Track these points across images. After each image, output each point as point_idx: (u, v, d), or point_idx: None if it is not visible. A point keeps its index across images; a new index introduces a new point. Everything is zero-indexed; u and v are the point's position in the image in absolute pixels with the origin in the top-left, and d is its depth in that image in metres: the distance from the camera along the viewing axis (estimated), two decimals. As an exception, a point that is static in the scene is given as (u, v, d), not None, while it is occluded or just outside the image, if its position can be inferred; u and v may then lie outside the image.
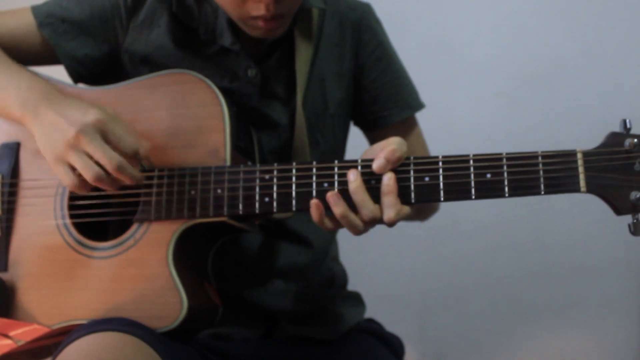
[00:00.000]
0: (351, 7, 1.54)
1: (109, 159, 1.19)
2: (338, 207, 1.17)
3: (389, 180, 1.16)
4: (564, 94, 2.19)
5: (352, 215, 1.17)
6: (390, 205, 1.16)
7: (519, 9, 2.23)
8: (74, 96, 1.28)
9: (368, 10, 1.56)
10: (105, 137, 1.20)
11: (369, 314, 1.63)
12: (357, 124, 1.60)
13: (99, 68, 1.45)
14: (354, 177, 1.18)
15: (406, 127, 1.57)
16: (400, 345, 1.59)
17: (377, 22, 1.57)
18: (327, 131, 1.49)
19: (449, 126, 2.23)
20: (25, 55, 1.43)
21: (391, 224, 1.16)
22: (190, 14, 1.42)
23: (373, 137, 1.58)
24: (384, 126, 1.55)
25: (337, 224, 1.20)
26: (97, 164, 1.20)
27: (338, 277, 1.60)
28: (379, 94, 1.54)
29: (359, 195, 1.17)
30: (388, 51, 1.56)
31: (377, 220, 1.17)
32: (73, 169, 1.21)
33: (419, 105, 1.58)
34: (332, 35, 1.50)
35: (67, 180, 1.22)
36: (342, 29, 1.51)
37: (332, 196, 1.18)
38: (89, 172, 1.20)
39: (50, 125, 1.22)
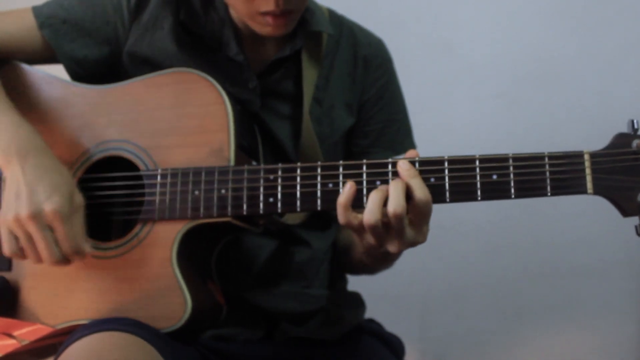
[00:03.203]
0: (367, 41, 1.55)
1: (48, 254, 1.22)
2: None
3: (409, 166, 1.17)
4: (564, 94, 2.20)
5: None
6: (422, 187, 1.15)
7: (519, 9, 2.24)
8: (53, 157, 1.29)
9: (382, 47, 1.58)
10: (54, 230, 1.22)
11: (369, 314, 1.63)
12: None
13: (99, 69, 1.44)
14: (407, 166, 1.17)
15: None
16: (400, 345, 1.59)
17: (388, 60, 1.58)
18: (330, 157, 1.48)
19: (449, 126, 2.24)
20: (26, 55, 1.43)
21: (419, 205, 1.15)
22: (197, 21, 1.42)
23: None
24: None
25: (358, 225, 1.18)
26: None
27: (338, 278, 1.60)
28: (371, 130, 1.56)
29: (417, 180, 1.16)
30: (390, 91, 1.57)
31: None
32: (14, 239, 1.24)
33: (402, 150, 1.57)
34: (345, 65, 1.51)
35: (6, 247, 1.25)
36: (355, 60, 1.52)
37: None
38: (31, 255, 1.24)
39: (16, 188, 1.23)
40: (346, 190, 1.17)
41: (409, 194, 1.14)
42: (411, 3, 2.29)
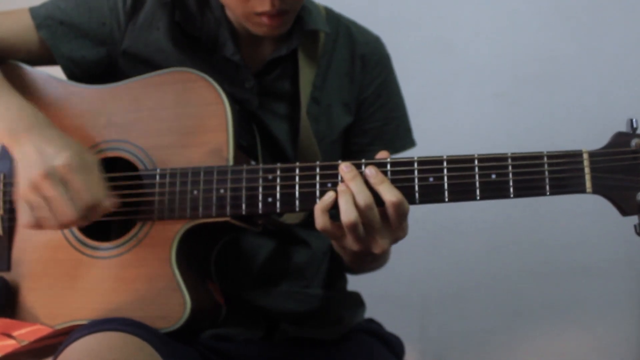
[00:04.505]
0: (364, 39, 1.55)
1: (65, 211, 1.21)
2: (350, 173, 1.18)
3: (376, 172, 1.17)
4: (564, 94, 2.20)
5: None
6: (390, 189, 1.16)
7: (519, 9, 2.24)
8: (58, 129, 1.29)
9: (379, 45, 1.57)
10: (67, 185, 1.21)
11: (369, 314, 1.63)
12: None
13: (96, 70, 1.44)
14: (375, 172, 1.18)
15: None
16: (400, 345, 1.59)
17: (386, 58, 1.58)
18: (327, 156, 1.49)
19: (448, 126, 2.24)
20: (23, 55, 1.43)
21: (395, 208, 1.15)
22: (192, 22, 1.42)
23: None
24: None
25: (338, 228, 1.19)
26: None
27: (338, 278, 1.60)
28: (370, 129, 1.56)
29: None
30: (389, 89, 1.57)
31: (372, 208, 1.15)
32: (33, 208, 1.23)
33: (402, 147, 1.59)
34: (343, 64, 1.51)
35: (22, 219, 1.24)
36: (352, 59, 1.52)
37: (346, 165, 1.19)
38: (48, 222, 1.23)
39: (26, 158, 1.23)
40: (325, 198, 1.18)
41: (380, 200, 1.15)
42: (411, 3, 2.29)
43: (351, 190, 1.16)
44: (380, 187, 1.16)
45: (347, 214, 1.14)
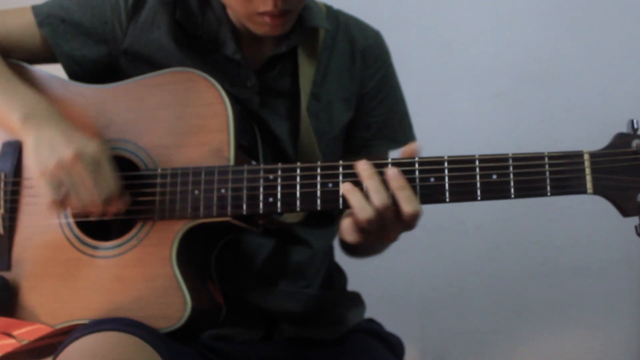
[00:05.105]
0: (364, 34, 1.55)
1: (99, 191, 1.25)
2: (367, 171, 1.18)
3: (398, 174, 1.16)
4: (564, 94, 2.20)
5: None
6: (410, 200, 1.15)
7: (519, 9, 2.24)
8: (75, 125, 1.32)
9: (379, 40, 1.57)
10: (100, 167, 1.25)
11: (369, 314, 1.63)
12: None
13: (97, 69, 1.44)
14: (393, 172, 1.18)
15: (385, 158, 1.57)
16: (400, 345, 1.59)
17: (386, 52, 1.58)
18: (329, 152, 1.49)
19: (448, 126, 2.24)
20: (25, 53, 1.43)
21: (412, 218, 1.15)
22: (193, 21, 1.42)
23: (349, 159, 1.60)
24: (367, 154, 1.55)
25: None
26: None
27: (338, 278, 1.60)
28: (373, 122, 1.56)
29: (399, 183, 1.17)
30: (390, 83, 1.57)
31: (388, 208, 1.15)
32: (59, 186, 1.25)
33: (405, 141, 1.57)
34: (343, 60, 1.51)
35: (52, 196, 1.26)
36: (352, 55, 1.52)
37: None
38: (72, 201, 1.26)
39: (49, 140, 1.26)
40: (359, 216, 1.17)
41: (396, 206, 1.16)
42: (411, 3, 2.29)
43: (367, 187, 1.16)
44: (400, 194, 1.15)
45: (362, 210, 1.15)
